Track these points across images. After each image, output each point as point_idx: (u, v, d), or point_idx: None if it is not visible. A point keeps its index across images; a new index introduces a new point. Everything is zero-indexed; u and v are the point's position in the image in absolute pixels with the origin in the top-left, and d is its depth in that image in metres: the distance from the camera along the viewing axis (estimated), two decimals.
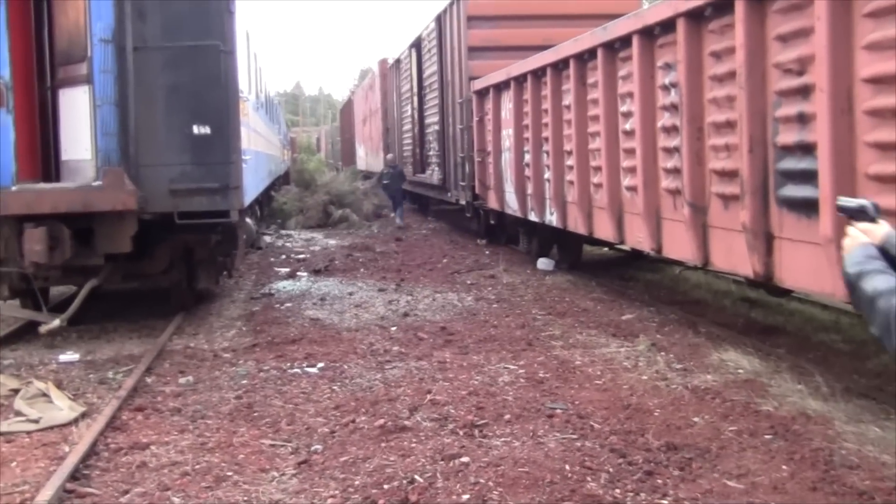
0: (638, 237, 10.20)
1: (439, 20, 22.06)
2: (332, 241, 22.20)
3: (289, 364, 9.34)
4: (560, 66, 12.64)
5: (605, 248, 15.89)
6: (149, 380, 8.98)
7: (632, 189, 10.21)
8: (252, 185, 12.16)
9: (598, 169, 11.32)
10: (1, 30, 10.21)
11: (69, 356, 10.00)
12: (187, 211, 10.46)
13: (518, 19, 18.92)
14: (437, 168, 23.12)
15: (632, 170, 10.13)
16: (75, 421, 7.62)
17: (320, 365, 9.28)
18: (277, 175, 27.76)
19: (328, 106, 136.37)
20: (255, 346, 10.30)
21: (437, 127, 22.96)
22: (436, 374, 8.82)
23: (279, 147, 28.89)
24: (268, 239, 22.92)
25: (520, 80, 14.90)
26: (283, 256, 19.18)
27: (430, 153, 24.20)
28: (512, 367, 8.99)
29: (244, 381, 8.74)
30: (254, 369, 9.21)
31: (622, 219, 10.73)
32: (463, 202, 20.21)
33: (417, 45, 25.80)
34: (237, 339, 10.86)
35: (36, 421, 7.64)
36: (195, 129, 10.41)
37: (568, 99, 12.34)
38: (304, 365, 9.31)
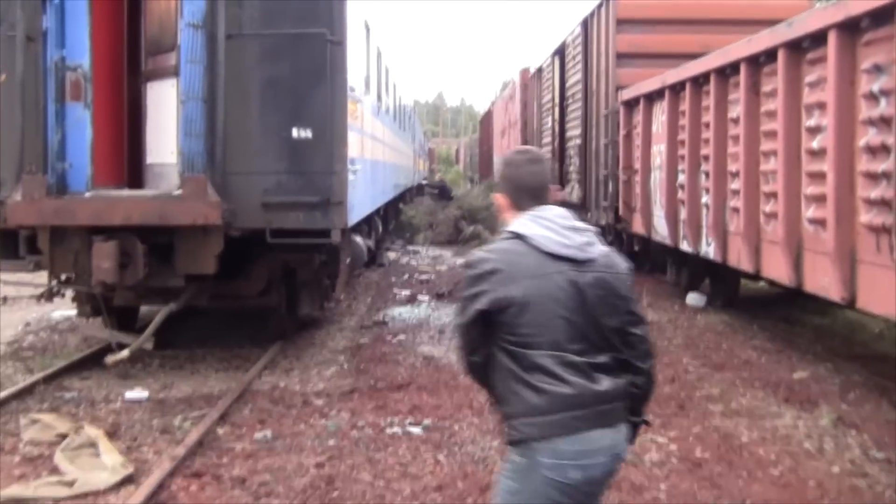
0: (823, 282, 8.27)
1: (585, 24, 20.31)
2: (460, 261, 20.59)
3: (389, 420, 7.77)
4: (727, 72, 10.76)
5: (762, 283, 13.86)
6: (220, 431, 7.55)
7: (817, 222, 8.29)
8: (365, 199, 10.64)
9: (771, 195, 9.42)
10: (81, 13, 8.95)
11: (137, 393, 8.66)
12: (282, 228, 9.00)
13: (672, 24, 17.00)
14: (576, 185, 21.33)
15: (818, 198, 8.22)
16: (116, 487, 6.21)
17: (426, 423, 7.68)
18: (409, 187, 26.36)
19: (469, 117, 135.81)
20: (354, 392, 8.77)
21: (578, 140, 21.18)
22: None
23: (412, 157, 27.51)
24: (392, 255, 21.51)
25: (676, 88, 13.05)
26: (406, 276, 17.70)
27: (570, 169, 22.41)
28: (661, 439, 7.24)
29: (331, 442, 7.20)
30: (346, 424, 7.67)
31: (801, 257, 8.80)
32: (604, 224, 18.40)
33: (561, 52, 24.08)
34: (335, 379, 9.34)
35: (70, 484, 6.23)
36: (294, 133, 8.92)
37: (736, 111, 10.45)
38: (408, 422, 7.72)
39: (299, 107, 8.96)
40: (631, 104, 16.18)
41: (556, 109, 24.74)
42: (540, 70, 28.31)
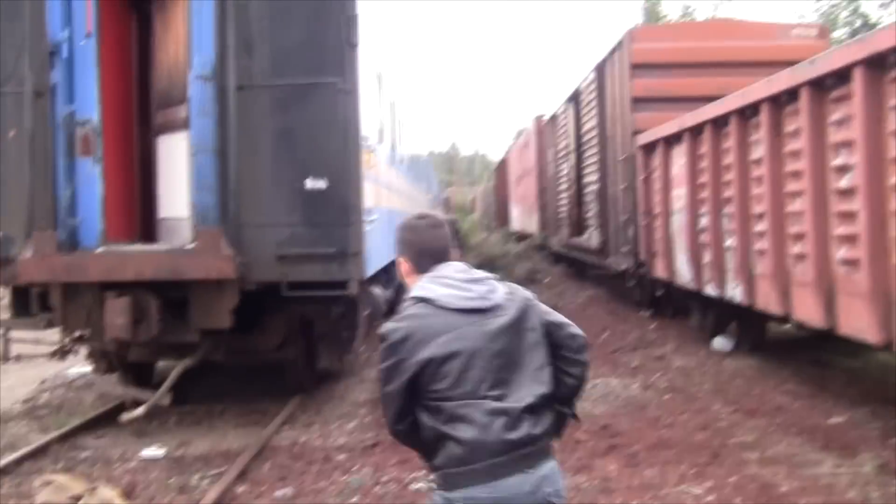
0: (858, 325, 8.01)
1: (599, 70, 20.19)
2: None
3: (413, 475, 7.50)
4: (748, 113, 10.58)
5: (788, 325, 13.55)
6: (239, 489, 7.32)
7: (849, 263, 8.04)
8: (382, 249, 10.43)
9: (799, 237, 9.18)
10: (90, 67, 8.84)
11: (153, 452, 8.45)
12: (298, 281, 8.81)
13: (687, 67, 16.84)
14: (595, 231, 21.12)
15: (850, 238, 7.98)
16: None
17: None
18: None
19: (483, 166, 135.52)
20: (377, 447, 8.51)
21: (596, 186, 21.00)
22: (597, 496, 6.88)
23: (428, 206, 27.31)
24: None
25: (695, 131, 12.88)
26: None
27: (589, 214, 22.21)
28: (697, 490, 6.97)
29: (354, 500, 6.97)
30: (369, 480, 7.42)
31: (833, 299, 8.54)
32: (625, 269, 18.16)
33: (575, 98, 23.98)
34: (357, 433, 9.09)
35: None
36: (308, 184, 8.75)
37: (758, 152, 10.26)
38: (432, 477, 7.45)
39: (312, 157, 8.80)
40: (649, 148, 16.00)
41: (573, 155, 24.57)
42: (555, 117, 28.21)
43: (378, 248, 10.23)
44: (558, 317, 3.68)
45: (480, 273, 3.55)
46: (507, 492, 3.28)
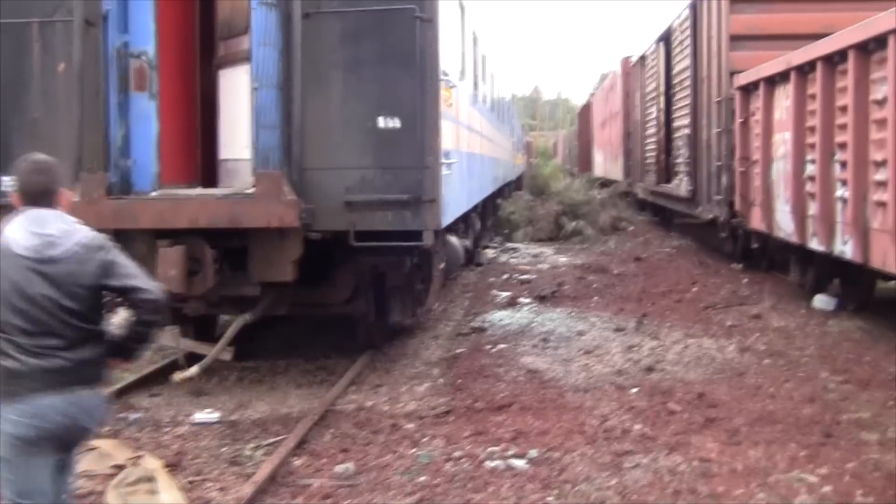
0: None
1: (694, 6, 19.05)
2: (562, 259, 19.51)
3: (489, 450, 6.74)
4: (870, 48, 9.49)
5: (893, 282, 12.45)
6: (297, 462, 6.63)
7: None
8: (461, 196, 9.63)
9: None
10: None
11: (207, 415, 7.82)
12: (367, 230, 8.04)
13: (792, 2, 15.73)
14: (685, 178, 20.08)
15: None
16: None
17: (532, 453, 6.64)
18: (507, 181, 25.29)
19: (566, 110, 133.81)
20: (450, 414, 7.77)
21: (687, 131, 19.92)
22: (696, 482, 6.07)
23: (510, 150, 26.42)
24: (490, 253, 20.46)
25: (804, 69, 11.78)
26: (505, 276, 16.62)
27: (678, 161, 21.14)
28: (811, 478, 6.12)
29: (422, 478, 6.21)
30: (440, 455, 6.68)
31: None
32: (717, 219, 17.12)
33: (666, 38, 22.83)
34: (429, 398, 8.35)
35: None
36: (380, 122, 7.92)
37: (881, 91, 9.19)
38: (510, 453, 6.69)
39: (386, 94, 7.96)
40: (748, 89, 14.92)
41: (662, 98, 23.55)
42: (643, 58, 27.11)
43: (457, 195, 9.41)
44: (132, 281, 4.18)
45: (60, 225, 4.07)
46: (38, 410, 3.92)
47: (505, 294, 14.23)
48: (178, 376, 8.15)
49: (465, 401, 8.13)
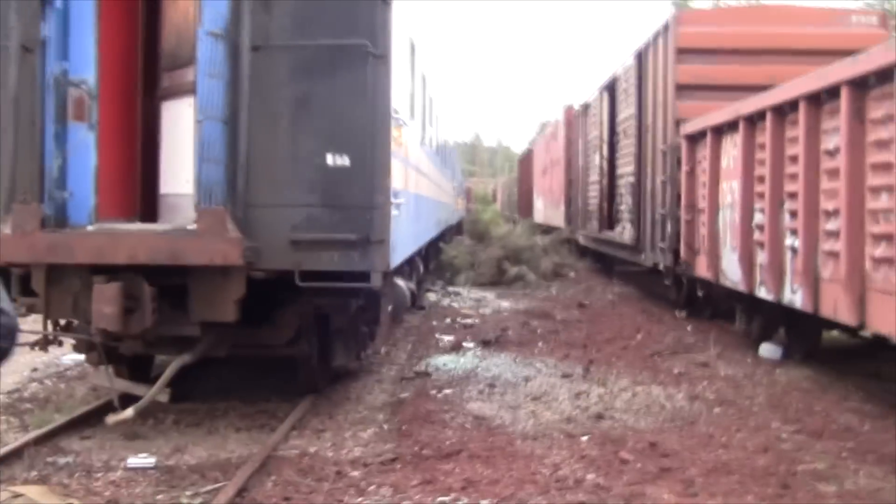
0: None
1: (640, 56, 19.12)
2: (505, 303, 19.33)
3: (439, 499, 6.48)
4: (822, 98, 9.47)
5: (835, 332, 12.39)
6: None
7: None
8: (409, 237, 9.40)
9: (882, 237, 8.11)
10: (88, 21, 7.83)
11: (142, 460, 7.44)
12: (313, 270, 7.76)
13: (738, 54, 15.83)
14: (629, 225, 20.04)
15: None
16: None
17: None
18: (449, 225, 25.14)
19: (506, 158, 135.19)
20: (396, 461, 7.47)
21: (631, 178, 19.90)
22: None
23: (452, 194, 26.30)
24: (432, 297, 20.23)
25: (754, 119, 11.77)
26: (448, 320, 16.38)
27: (622, 208, 21.13)
28: None
29: None
30: None
31: None
32: (661, 266, 17.06)
33: (611, 86, 22.92)
34: (374, 444, 8.06)
35: None
36: (329, 159, 7.67)
37: (833, 141, 9.16)
38: (461, 503, 6.42)
39: (335, 130, 7.72)
40: (695, 138, 14.91)
41: (605, 146, 23.60)
42: (586, 106, 27.23)
43: (405, 236, 9.17)
44: None
45: None
46: None
47: (449, 338, 13.99)
48: (112, 419, 7.78)
49: (412, 448, 7.85)
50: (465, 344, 13.42)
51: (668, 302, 17.75)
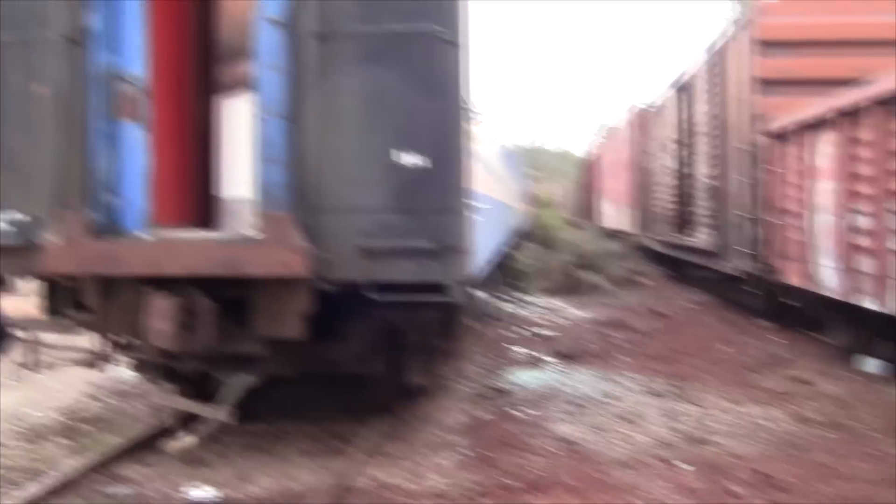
0: None
1: (716, 51, 18.25)
2: (579, 313, 18.51)
3: None
4: None
5: None
6: None
7: None
8: (486, 244, 8.63)
9: None
10: (137, 9, 7.22)
11: (203, 493, 6.78)
12: (386, 281, 7.06)
13: (825, 46, 14.94)
14: (705, 229, 19.16)
15: None
16: None
17: None
18: (516, 229, 24.36)
19: (567, 162, 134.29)
20: (484, 496, 6.73)
21: (707, 180, 19.04)
22: None
23: (518, 197, 25.52)
24: (504, 306, 19.46)
25: (852, 113, 10.88)
26: (521, 331, 15.61)
27: (698, 211, 20.23)
28: None
29: None
30: None
31: None
32: (743, 273, 16.14)
33: (683, 84, 22.04)
34: (454, 472, 7.35)
35: None
36: (401, 159, 6.95)
37: None
38: None
39: (407, 125, 6.96)
40: (782, 136, 14.03)
41: (678, 147, 22.68)
42: (655, 106, 26.41)
43: (483, 243, 8.42)
44: None
45: None
46: None
47: (524, 351, 13.25)
48: (174, 446, 7.17)
49: (498, 478, 7.12)
50: (543, 357, 12.66)
51: (750, 311, 16.79)
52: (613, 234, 33.62)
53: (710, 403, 9.71)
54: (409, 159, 6.93)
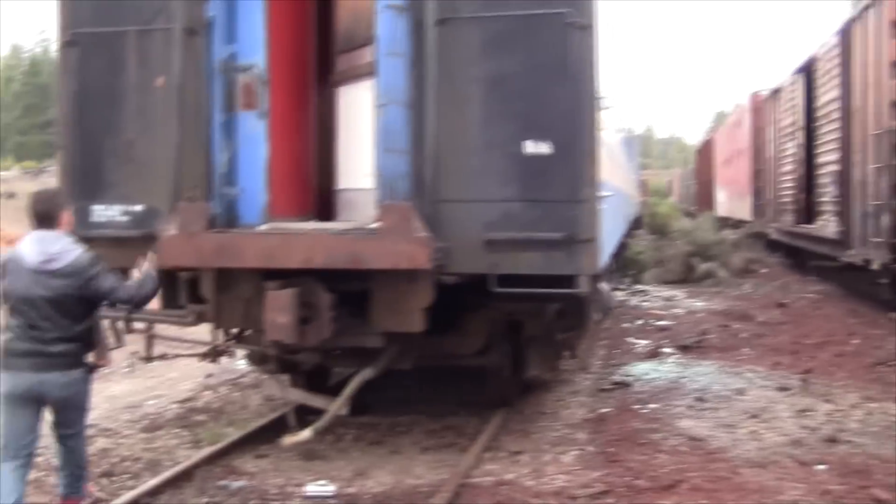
0: None
1: (844, 34, 17.55)
2: (697, 303, 18.05)
3: None
4: None
5: None
6: None
7: None
8: (610, 235, 8.33)
9: None
10: (255, 2, 7.15)
11: (320, 488, 6.69)
12: (510, 274, 6.81)
13: None
14: (832, 218, 18.46)
15: None
16: None
17: None
18: (633, 218, 23.96)
19: (679, 149, 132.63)
20: (607, 494, 6.48)
21: (834, 167, 18.33)
22: None
23: (635, 185, 25.10)
24: (620, 296, 19.08)
25: None
26: (640, 322, 15.27)
27: (823, 199, 19.51)
28: None
29: None
30: None
31: None
32: (874, 264, 15.48)
33: (807, 68, 21.30)
34: (578, 471, 7.08)
35: None
36: (527, 147, 6.70)
37: None
38: None
39: (534, 112, 6.70)
40: None
41: (801, 133, 21.93)
42: (777, 91, 25.56)
43: (609, 234, 8.13)
44: (109, 291, 5.66)
45: (59, 245, 5.48)
46: (27, 381, 5.41)
47: (644, 342, 12.92)
48: (289, 440, 7.06)
49: (623, 477, 6.84)
50: (662, 349, 12.32)
51: (879, 302, 16.11)
52: (730, 223, 32.88)
53: (842, 400, 9.27)
54: (537, 148, 6.68)
